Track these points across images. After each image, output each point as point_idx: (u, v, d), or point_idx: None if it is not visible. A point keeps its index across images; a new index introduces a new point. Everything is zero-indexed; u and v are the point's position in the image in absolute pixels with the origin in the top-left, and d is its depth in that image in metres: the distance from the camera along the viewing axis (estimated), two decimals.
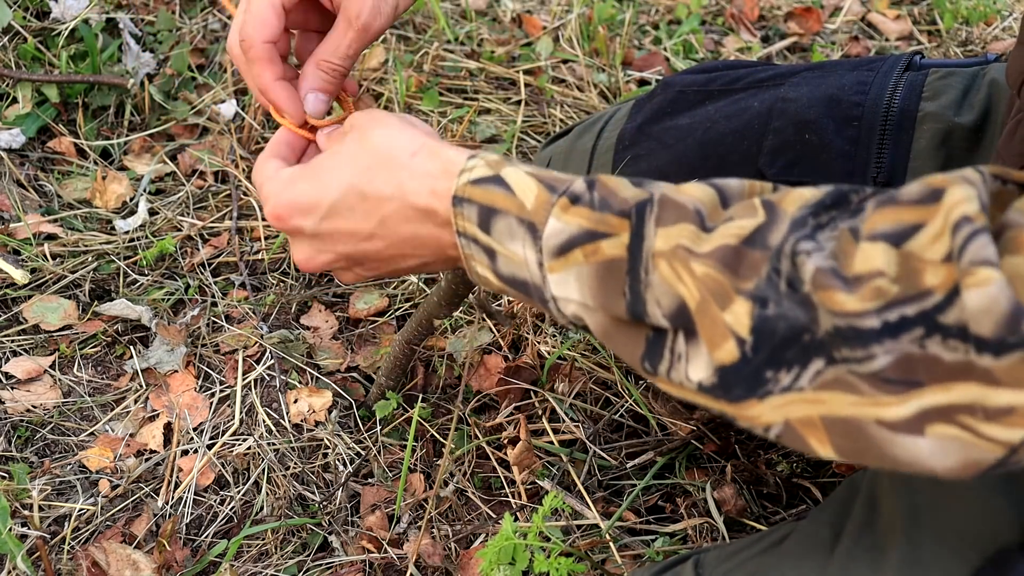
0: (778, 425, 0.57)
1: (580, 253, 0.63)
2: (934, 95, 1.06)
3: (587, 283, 0.63)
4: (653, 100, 1.21)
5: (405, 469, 1.11)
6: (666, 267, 0.59)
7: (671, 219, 0.60)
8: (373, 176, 0.72)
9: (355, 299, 1.34)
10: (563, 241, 0.63)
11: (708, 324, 0.57)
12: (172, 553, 1.07)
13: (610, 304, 0.62)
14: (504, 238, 0.67)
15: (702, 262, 0.57)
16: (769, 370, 0.56)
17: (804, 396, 0.55)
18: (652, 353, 0.62)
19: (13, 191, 1.43)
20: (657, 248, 0.60)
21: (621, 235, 0.61)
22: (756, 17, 2.01)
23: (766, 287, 0.55)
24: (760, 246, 0.56)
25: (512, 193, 0.66)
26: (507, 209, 0.66)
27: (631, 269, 0.61)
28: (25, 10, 1.57)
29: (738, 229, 0.57)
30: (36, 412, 1.20)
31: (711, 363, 0.58)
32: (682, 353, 0.60)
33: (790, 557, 0.76)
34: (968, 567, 0.67)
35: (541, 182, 0.66)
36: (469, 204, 0.68)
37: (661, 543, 1.09)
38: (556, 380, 1.23)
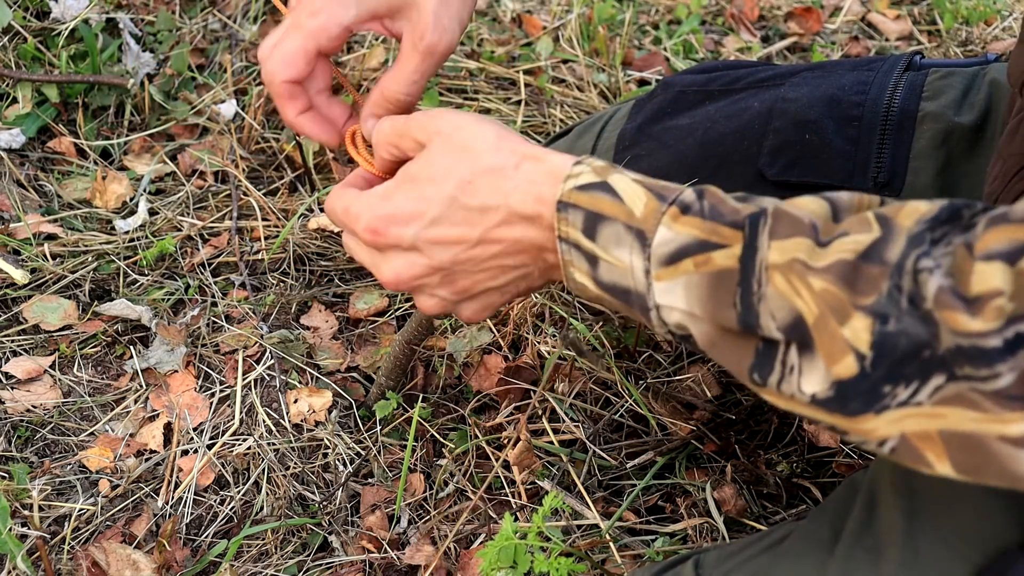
0: (894, 439, 0.57)
1: (691, 263, 0.62)
2: (934, 95, 1.06)
3: (696, 293, 0.63)
4: (653, 100, 1.21)
5: (405, 469, 1.11)
6: (781, 280, 0.59)
7: (785, 232, 0.59)
8: (477, 187, 0.71)
9: (355, 299, 1.34)
10: (673, 250, 0.63)
11: (826, 339, 0.57)
12: (172, 553, 1.07)
13: (719, 314, 0.62)
14: (610, 245, 0.66)
15: (820, 277, 0.57)
16: (887, 385, 0.56)
17: (922, 411, 0.55)
18: (762, 364, 0.61)
19: (13, 191, 1.43)
20: (772, 260, 0.59)
21: (733, 246, 0.61)
22: (756, 17, 2.01)
23: (887, 303, 0.55)
24: (877, 261, 0.56)
25: (620, 200, 0.66)
26: (615, 216, 0.66)
27: (743, 280, 0.60)
28: (25, 10, 1.57)
29: (854, 244, 0.57)
30: (36, 412, 1.20)
31: (828, 377, 0.58)
32: (795, 365, 0.59)
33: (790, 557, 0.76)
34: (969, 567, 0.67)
35: (650, 190, 0.66)
36: (575, 210, 0.67)
37: (661, 543, 1.09)
38: (556, 380, 1.23)
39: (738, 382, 1.29)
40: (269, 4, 1.76)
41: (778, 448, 1.21)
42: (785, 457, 1.20)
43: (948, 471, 0.56)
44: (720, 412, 1.23)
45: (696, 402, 1.24)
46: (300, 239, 1.40)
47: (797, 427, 1.22)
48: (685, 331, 0.65)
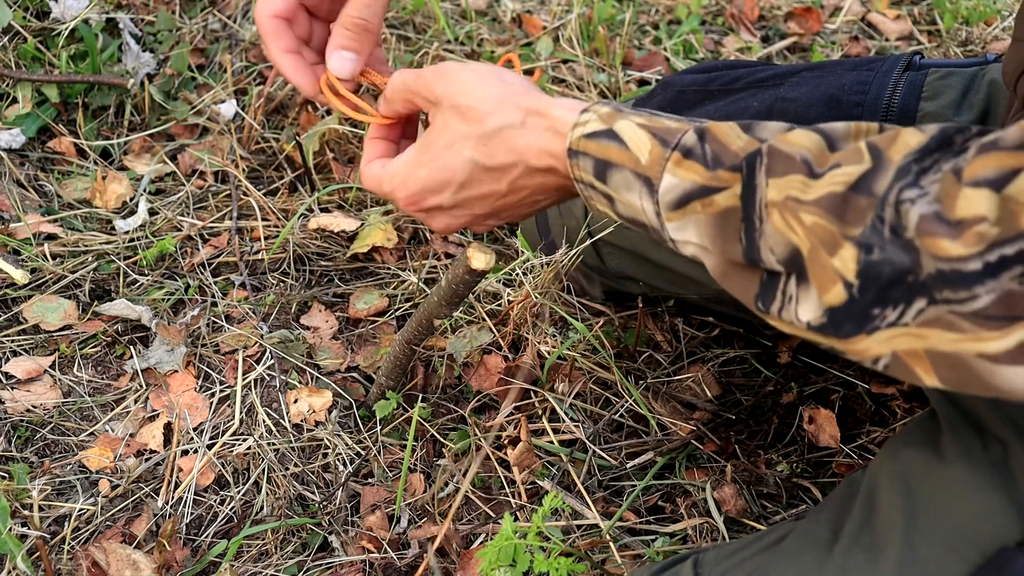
0: (886, 356, 0.60)
1: (697, 204, 0.67)
2: (934, 95, 1.06)
3: (705, 230, 0.67)
4: (653, 100, 1.21)
5: (405, 469, 1.11)
6: (778, 217, 0.62)
7: (780, 170, 0.63)
8: (492, 150, 0.78)
9: (355, 299, 1.34)
10: (679, 196, 0.67)
11: (818, 270, 0.60)
12: (172, 553, 1.07)
13: (727, 249, 0.66)
14: (621, 189, 0.71)
15: (810, 211, 0.60)
16: (876, 308, 0.59)
17: (909, 331, 0.58)
18: (765, 294, 0.65)
19: (13, 191, 1.43)
20: (770, 198, 0.63)
21: (733, 187, 0.65)
22: (756, 17, 2.01)
23: (871, 234, 0.58)
24: (866, 192, 0.59)
25: (626, 147, 0.70)
26: (622, 163, 0.70)
27: (745, 217, 0.64)
28: (25, 10, 1.57)
29: (844, 176, 0.60)
30: (36, 412, 1.20)
31: (821, 305, 0.61)
32: (793, 295, 0.63)
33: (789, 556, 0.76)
34: (967, 565, 0.67)
35: (654, 135, 0.70)
36: (584, 157, 0.72)
37: (661, 543, 1.09)
38: (556, 380, 1.23)
39: (738, 382, 1.29)
40: None
41: (778, 448, 1.21)
42: (785, 457, 1.20)
43: (937, 384, 0.59)
44: (720, 412, 1.23)
45: (696, 402, 1.24)
46: (300, 239, 1.40)
47: (797, 427, 1.22)
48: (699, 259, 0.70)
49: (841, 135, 0.64)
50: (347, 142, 1.54)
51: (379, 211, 1.45)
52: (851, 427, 1.23)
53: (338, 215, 1.44)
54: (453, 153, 0.79)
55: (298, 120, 1.59)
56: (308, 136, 1.51)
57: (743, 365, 1.31)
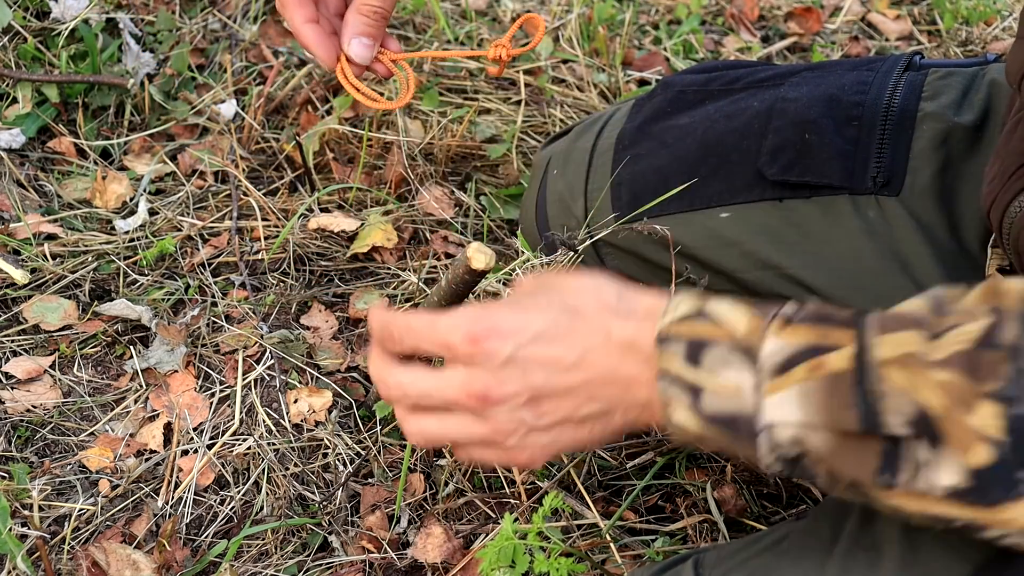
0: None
1: (804, 369, 0.60)
2: (934, 95, 1.06)
3: (812, 400, 0.60)
4: (653, 100, 1.21)
5: (405, 469, 1.11)
6: (899, 375, 0.57)
7: (895, 327, 0.59)
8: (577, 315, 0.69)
9: (355, 299, 1.34)
10: (785, 359, 0.61)
11: (956, 429, 0.56)
12: (172, 553, 1.07)
13: (839, 420, 0.59)
14: (717, 367, 0.63)
15: (940, 369, 0.56)
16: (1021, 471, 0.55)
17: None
18: (890, 464, 0.59)
19: (13, 191, 1.43)
20: (884, 356, 0.58)
21: (846, 347, 0.59)
22: (756, 17, 2.01)
23: (1012, 386, 0.54)
24: (995, 347, 0.56)
25: (720, 323, 0.64)
26: (718, 338, 0.63)
27: (859, 381, 0.59)
28: (25, 10, 1.57)
29: (968, 334, 0.57)
30: (36, 412, 1.20)
31: (963, 467, 0.56)
32: (928, 460, 0.58)
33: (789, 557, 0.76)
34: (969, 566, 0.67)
35: (750, 310, 0.64)
36: (676, 341, 0.65)
37: (661, 543, 1.09)
38: None
39: None
40: (269, 4, 1.76)
41: None
42: None
43: None
44: None
45: None
46: (300, 239, 1.40)
47: None
48: (800, 447, 0.62)
49: (946, 297, 0.60)
50: (347, 142, 1.54)
51: (379, 211, 1.45)
52: None
53: (338, 215, 1.44)
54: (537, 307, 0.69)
55: (298, 120, 1.59)
56: (308, 136, 1.51)
57: None
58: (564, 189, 1.23)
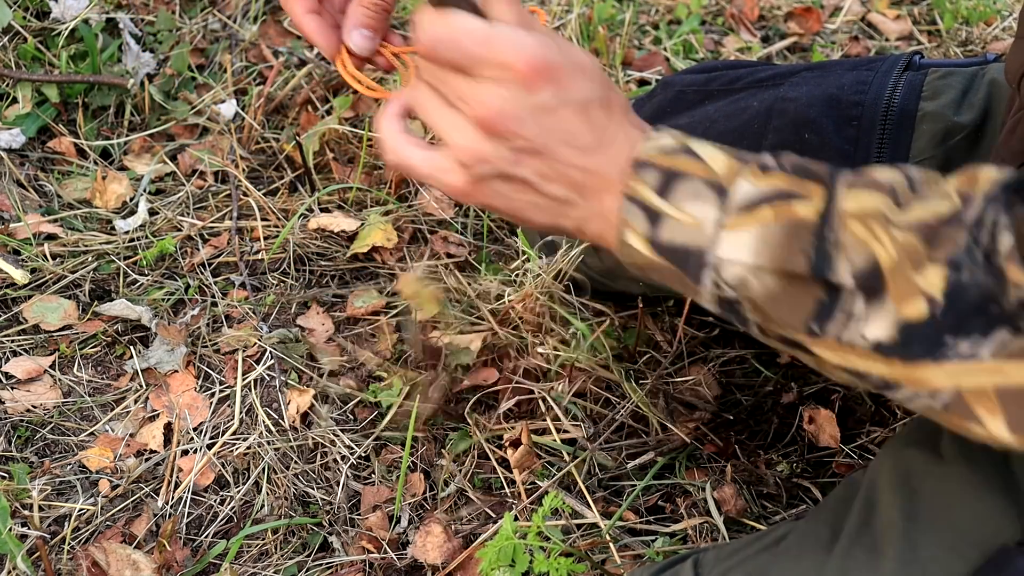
0: (947, 392, 0.58)
1: (769, 210, 0.62)
2: (933, 94, 1.06)
3: (768, 241, 0.62)
4: (653, 100, 1.21)
5: (404, 468, 1.11)
6: (859, 227, 0.59)
7: (864, 186, 0.61)
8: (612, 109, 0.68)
9: (353, 298, 1.34)
10: (753, 198, 0.62)
11: (900, 282, 0.58)
12: (172, 553, 1.07)
13: (789, 262, 0.61)
14: (685, 200, 0.64)
15: (902, 230, 0.58)
16: (950, 335, 0.56)
17: (982, 366, 0.56)
18: (823, 313, 0.61)
19: (13, 191, 1.43)
20: (848, 208, 0.60)
21: (814, 199, 0.61)
22: (756, 17, 2.01)
23: (963, 255, 0.56)
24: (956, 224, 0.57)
25: (701, 160, 0.65)
26: (694, 173, 0.65)
27: (818, 229, 0.61)
28: (25, 10, 1.57)
29: (935, 210, 0.58)
30: (36, 412, 1.20)
31: (896, 320, 0.58)
32: (859, 313, 0.60)
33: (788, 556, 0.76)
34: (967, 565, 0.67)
35: (731, 153, 0.65)
36: (651, 169, 0.65)
37: (661, 543, 1.09)
38: (557, 380, 1.23)
39: (738, 382, 1.29)
40: (269, 4, 1.76)
41: (778, 448, 1.21)
42: (785, 457, 1.20)
43: (1000, 430, 0.57)
44: (720, 412, 1.23)
45: (696, 403, 1.24)
46: (300, 239, 1.40)
47: (797, 427, 1.22)
48: (740, 288, 0.63)
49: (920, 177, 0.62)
50: (347, 142, 1.54)
51: (379, 211, 1.45)
52: (851, 427, 1.23)
53: (338, 215, 1.44)
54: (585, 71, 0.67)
55: (298, 120, 1.59)
56: (308, 136, 1.51)
57: (743, 365, 1.31)
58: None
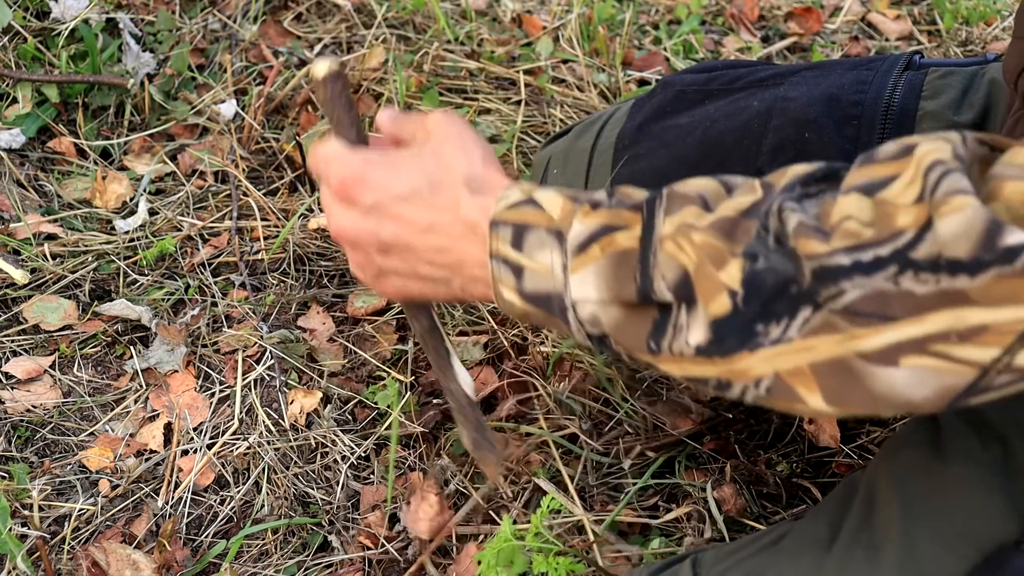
0: (768, 378, 0.59)
1: (597, 247, 0.66)
2: (933, 94, 1.06)
3: (603, 275, 0.65)
4: (653, 99, 1.21)
5: (392, 463, 1.11)
6: (671, 244, 0.62)
7: (677, 207, 0.63)
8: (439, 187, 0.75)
9: (353, 298, 1.34)
10: (583, 239, 0.66)
11: (704, 282, 0.60)
12: (172, 553, 1.07)
13: (622, 291, 0.64)
14: (534, 249, 0.69)
15: (701, 232, 0.60)
16: (759, 323, 0.58)
17: (793, 346, 0.58)
18: (657, 331, 0.64)
19: (13, 191, 1.43)
20: (664, 232, 0.63)
21: (634, 227, 0.64)
22: (756, 17, 2.01)
23: (756, 243, 0.58)
24: (755, 215, 0.59)
25: (542, 209, 0.70)
26: (537, 223, 0.69)
27: (642, 255, 0.64)
28: (25, 10, 1.57)
29: (736, 204, 0.61)
30: (36, 412, 1.20)
31: (706, 320, 0.60)
32: (683, 324, 0.62)
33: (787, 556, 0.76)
34: (966, 564, 0.67)
35: (568, 197, 0.70)
36: (504, 226, 0.71)
37: (659, 543, 1.09)
38: (555, 379, 1.23)
39: None
40: (269, 4, 1.76)
41: (778, 448, 1.21)
42: (785, 457, 1.20)
43: (819, 404, 0.58)
44: (720, 412, 1.23)
45: (696, 402, 1.24)
46: (300, 239, 1.40)
47: (797, 427, 1.22)
48: (599, 326, 0.67)
49: (739, 183, 0.65)
50: None
51: None
52: (851, 427, 1.23)
53: None
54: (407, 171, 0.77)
55: (298, 120, 1.59)
56: (308, 136, 1.51)
57: None
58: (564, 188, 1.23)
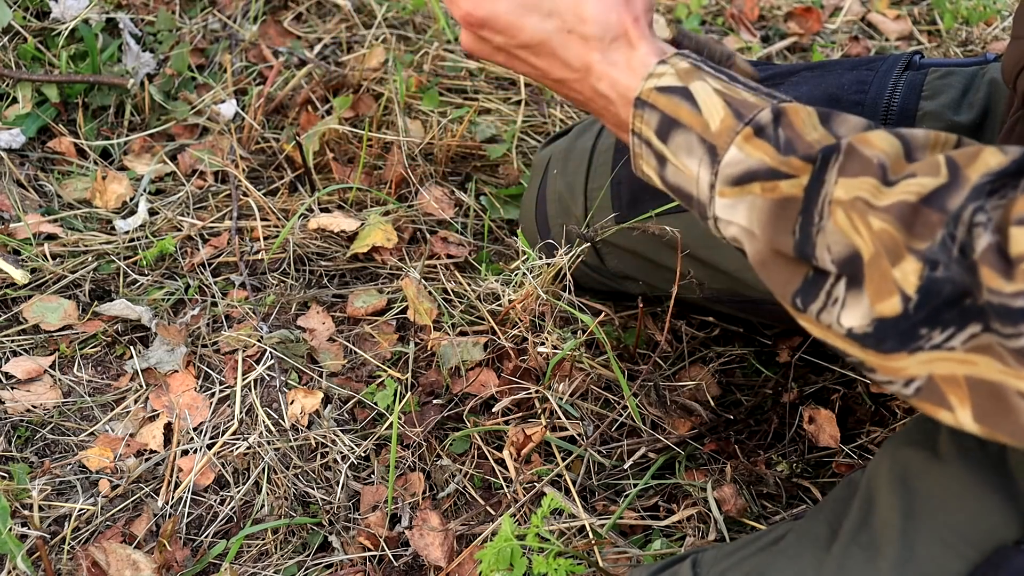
0: (920, 379, 0.59)
1: (758, 187, 0.64)
2: (933, 94, 1.06)
3: (757, 215, 0.64)
4: None
5: (392, 462, 1.11)
6: (843, 216, 0.60)
7: (855, 170, 0.61)
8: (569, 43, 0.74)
9: (353, 298, 1.34)
10: (742, 172, 0.65)
11: (877, 277, 0.59)
12: (172, 553, 1.07)
13: (777, 239, 0.63)
14: (681, 152, 0.67)
15: (880, 216, 0.59)
16: (925, 327, 0.57)
17: (954, 355, 0.57)
18: (807, 292, 0.63)
19: (13, 191, 1.43)
20: (836, 196, 0.61)
21: (801, 177, 0.63)
22: (756, 17, 2.01)
23: (939, 250, 0.57)
24: (938, 207, 0.57)
25: (698, 109, 0.67)
26: (690, 125, 0.67)
27: (805, 210, 0.62)
28: (25, 10, 1.57)
29: (918, 187, 0.59)
30: (36, 412, 1.20)
31: (870, 314, 0.59)
32: (839, 298, 0.61)
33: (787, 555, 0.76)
34: (965, 564, 0.67)
35: (729, 105, 0.67)
36: (652, 110, 0.69)
37: (660, 543, 1.09)
38: (556, 380, 1.23)
39: (738, 382, 1.29)
40: (269, 4, 1.76)
41: (778, 448, 1.21)
42: (785, 457, 1.20)
43: (967, 419, 0.57)
44: (720, 412, 1.23)
45: (696, 403, 1.24)
46: (300, 239, 1.40)
47: (797, 427, 1.22)
48: (739, 245, 0.67)
49: (920, 143, 0.62)
50: (347, 142, 1.54)
51: (379, 211, 1.45)
52: (851, 427, 1.23)
53: (338, 215, 1.44)
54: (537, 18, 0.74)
55: (298, 120, 1.59)
56: (308, 136, 1.51)
57: (743, 365, 1.31)
58: (564, 188, 1.23)
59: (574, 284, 1.31)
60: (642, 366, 1.26)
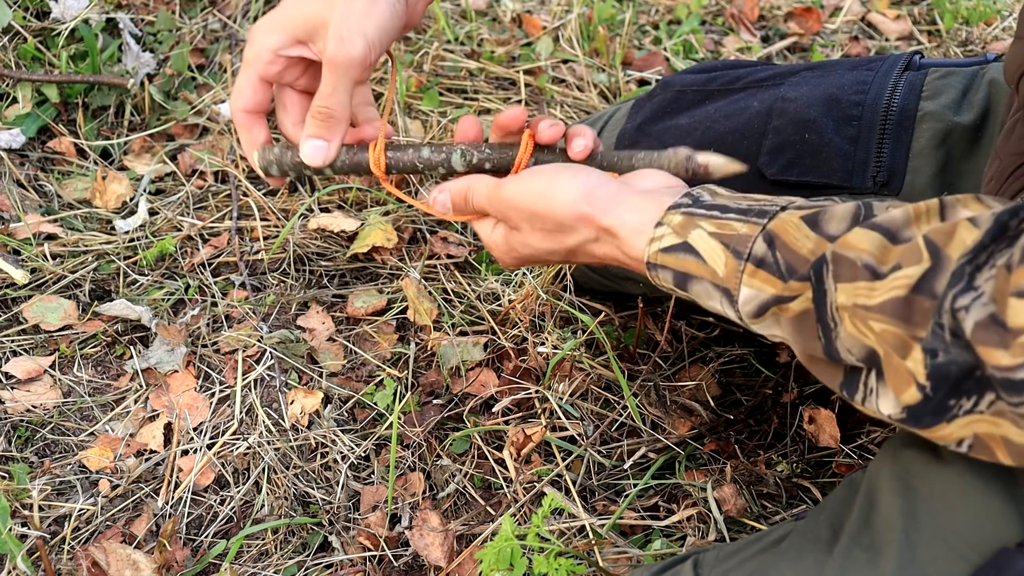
0: (968, 439, 0.63)
1: (775, 310, 0.70)
2: (934, 94, 1.06)
3: (785, 330, 0.71)
4: (653, 100, 1.21)
5: (393, 462, 1.11)
6: (849, 322, 0.65)
7: (846, 276, 0.65)
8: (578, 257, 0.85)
9: (353, 298, 1.34)
10: (757, 306, 0.71)
11: (892, 373, 0.64)
12: (172, 553, 1.07)
13: (808, 345, 0.69)
14: (702, 297, 0.75)
15: (877, 318, 0.63)
16: (952, 399, 0.61)
17: (984, 418, 0.61)
18: (849, 385, 0.68)
19: (13, 191, 1.43)
20: (840, 302, 0.66)
21: (805, 294, 0.68)
22: (756, 17, 2.01)
23: (933, 339, 0.60)
24: (928, 293, 0.61)
25: (703, 260, 0.73)
26: (701, 275, 0.74)
27: (820, 319, 0.67)
28: (25, 10, 1.57)
29: (906, 279, 0.62)
30: (36, 412, 1.20)
31: (898, 404, 0.64)
32: (874, 387, 0.66)
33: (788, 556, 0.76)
34: (967, 566, 0.67)
35: (726, 246, 0.72)
36: (663, 270, 0.76)
37: (660, 544, 1.09)
38: (556, 380, 1.23)
39: (738, 382, 1.29)
40: (269, 4, 1.76)
41: (778, 448, 1.21)
42: (785, 457, 1.20)
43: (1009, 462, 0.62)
44: (720, 412, 1.23)
45: (696, 403, 1.24)
46: (300, 239, 1.40)
47: (797, 427, 1.22)
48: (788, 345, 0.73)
49: (900, 224, 0.65)
50: None
51: (379, 211, 1.45)
52: (851, 427, 1.23)
53: (338, 215, 1.44)
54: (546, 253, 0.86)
55: None
56: None
57: (743, 365, 1.31)
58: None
59: (574, 284, 1.31)
60: (642, 366, 1.26)
